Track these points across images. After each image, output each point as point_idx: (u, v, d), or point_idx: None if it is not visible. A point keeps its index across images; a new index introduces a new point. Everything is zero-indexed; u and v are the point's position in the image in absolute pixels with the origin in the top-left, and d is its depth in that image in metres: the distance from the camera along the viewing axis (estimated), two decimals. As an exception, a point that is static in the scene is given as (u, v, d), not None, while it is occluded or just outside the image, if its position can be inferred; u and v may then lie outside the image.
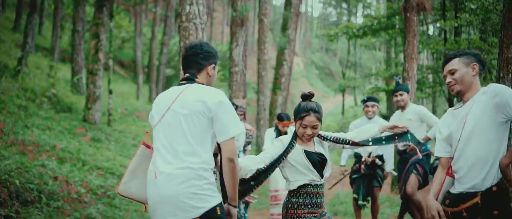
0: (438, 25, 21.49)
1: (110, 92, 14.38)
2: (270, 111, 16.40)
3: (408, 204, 7.54)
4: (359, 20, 48.37)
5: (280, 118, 8.15)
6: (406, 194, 7.32)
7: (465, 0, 18.00)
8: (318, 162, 4.10)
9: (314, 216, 4.08)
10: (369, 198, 8.22)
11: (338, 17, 62.08)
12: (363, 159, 7.98)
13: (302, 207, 4.07)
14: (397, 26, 20.06)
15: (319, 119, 4.11)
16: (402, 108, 7.61)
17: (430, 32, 23.24)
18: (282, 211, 4.18)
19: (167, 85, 29.46)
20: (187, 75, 3.71)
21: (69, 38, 26.29)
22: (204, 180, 3.44)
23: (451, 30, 20.23)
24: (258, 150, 15.64)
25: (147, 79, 27.12)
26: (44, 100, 13.00)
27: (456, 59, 3.73)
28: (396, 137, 4.29)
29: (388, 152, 8.07)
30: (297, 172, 4.09)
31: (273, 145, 4.15)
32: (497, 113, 3.45)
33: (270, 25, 22.69)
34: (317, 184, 4.10)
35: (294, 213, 4.08)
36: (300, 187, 4.09)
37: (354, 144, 4.27)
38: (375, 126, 4.33)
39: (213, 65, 3.77)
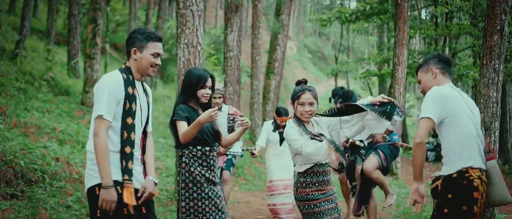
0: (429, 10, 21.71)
1: (107, 75, 14.66)
2: (263, 95, 16.71)
3: (366, 193, 7.13)
4: (352, 4, 48.53)
5: (279, 113, 8.29)
6: (364, 178, 7.05)
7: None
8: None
9: (322, 194, 4.42)
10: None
11: (332, 1, 62.17)
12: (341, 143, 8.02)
13: (310, 185, 4.42)
14: (390, 10, 20.34)
15: (315, 97, 4.44)
16: None
17: (422, 15, 23.53)
18: (293, 190, 4.53)
19: (162, 70, 29.63)
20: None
21: (64, 21, 26.40)
22: (91, 161, 3.74)
23: (442, 15, 20.54)
24: (252, 134, 15.95)
25: (141, 62, 27.28)
26: (43, 83, 13.24)
27: (419, 71, 4.21)
28: (377, 105, 4.55)
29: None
30: (304, 158, 4.39)
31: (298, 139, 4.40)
32: None
33: (264, 11, 22.85)
34: (322, 164, 4.44)
35: (303, 191, 4.44)
36: (307, 168, 4.43)
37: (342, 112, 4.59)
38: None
39: (134, 49, 3.85)
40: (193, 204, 4.65)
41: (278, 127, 8.33)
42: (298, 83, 4.58)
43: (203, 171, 4.72)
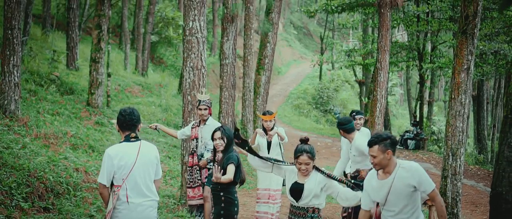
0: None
1: (109, 75, 15.63)
2: (254, 90, 17.72)
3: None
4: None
5: (263, 114, 9.06)
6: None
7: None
8: (294, 190, 5.51)
9: None
10: None
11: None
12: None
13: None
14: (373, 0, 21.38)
15: (311, 158, 5.47)
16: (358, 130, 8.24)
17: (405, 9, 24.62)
18: None
19: (152, 52, 30.43)
20: (133, 134, 5.17)
21: (58, 4, 27.11)
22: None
23: (424, 13, 21.74)
24: (243, 129, 17.02)
25: (131, 46, 27.99)
26: (52, 86, 14.18)
27: (376, 147, 4.88)
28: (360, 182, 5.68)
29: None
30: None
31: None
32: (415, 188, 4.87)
33: (255, 12, 23.64)
34: (292, 204, 5.61)
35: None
36: None
37: (340, 181, 5.65)
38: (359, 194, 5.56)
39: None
40: None
41: (266, 132, 8.86)
42: (301, 141, 5.62)
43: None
